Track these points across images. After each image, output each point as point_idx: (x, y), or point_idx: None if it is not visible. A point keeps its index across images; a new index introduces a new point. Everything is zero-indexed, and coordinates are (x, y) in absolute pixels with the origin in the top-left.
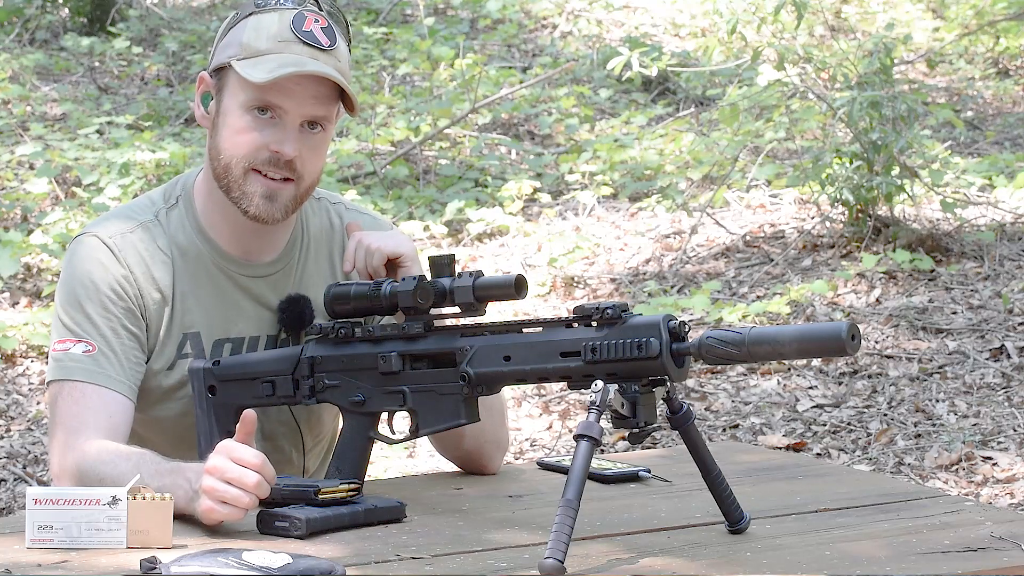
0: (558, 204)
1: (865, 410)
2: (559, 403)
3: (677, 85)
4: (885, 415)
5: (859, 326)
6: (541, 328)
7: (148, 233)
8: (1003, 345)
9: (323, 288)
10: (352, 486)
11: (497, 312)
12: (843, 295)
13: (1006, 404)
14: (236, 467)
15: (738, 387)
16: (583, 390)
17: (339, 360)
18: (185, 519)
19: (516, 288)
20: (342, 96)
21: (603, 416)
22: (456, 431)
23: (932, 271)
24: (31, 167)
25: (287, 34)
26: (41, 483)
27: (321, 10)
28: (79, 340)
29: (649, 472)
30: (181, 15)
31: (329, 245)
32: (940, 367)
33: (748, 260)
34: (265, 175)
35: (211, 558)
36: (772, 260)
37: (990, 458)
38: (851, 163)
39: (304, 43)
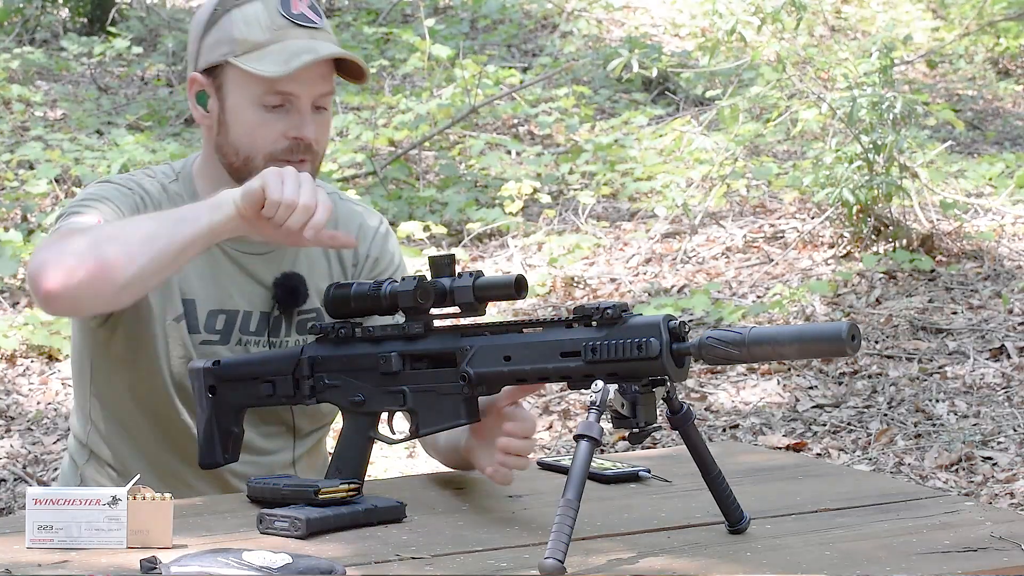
0: (558, 204)
1: (865, 410)
2: (559, 403)
3: (677, 85)
4: (885, 415)
5: (859, 326)
6: (541, 328)
7: (162, 190)
8: (1003, 345)
9: (318, 269)
10: (352, 486)
11: (497, 312)
12: (843, 295)
13: (1006, 404)
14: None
15: (738, 387)
16: (583, 390)
17: (339, 360)
18: (185, 519)
19: (516, 288)
20: (339, 66)
21: (603, 416)
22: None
23: (932, 271)
24: (31, 167)
25: (279, 20)
26: (41, 483)
27: None
28: (92, 210)
29: (649, 472)
30: (181, 15)
31: None
32: (940, 367)
33: (748, 260)
34: (287, 161)
35: (211, 558)
36: (772, 260)
37: (990, 458)
38: (851, 163)
39: (299, 25)
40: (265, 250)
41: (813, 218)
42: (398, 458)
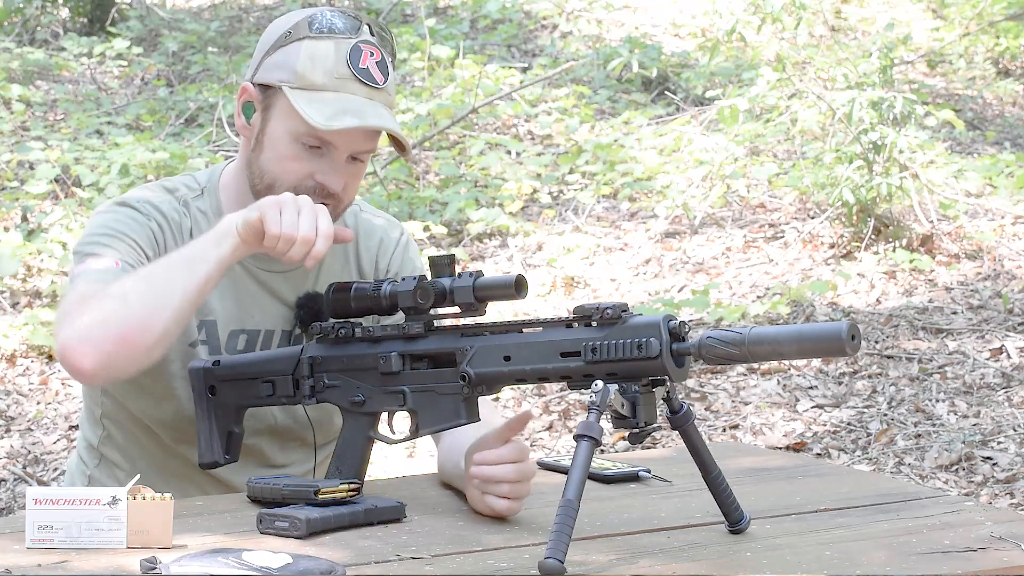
0: (558, 204)
1: (865, 410)
2: (559, 403)
3: (677, 85)
4: (885, 415)
5: (859, 326)
6: (541, 328)
7: (183, 209)
8: (1003, 345)
9: None
10: (352, 486)
11: (497, 312)
12: (843, 295)
13: (1006, 404)
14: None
15: (738, 387)
16: (583, 390)
17: (339, 360)
18: (185, 519)
19: (516, 288)
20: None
21: (603, 416)
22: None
23: (932, 271)
24: (31, 167)
25: (343, 70)
26: (41, 483)
27: (373, 35)
28: (108, 248)
29: (649, 472)
30: (181, 15)
31: (345, 245)
32: (940, 367)
33: (748, 260)
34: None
35: (211, 558)
36: (772, 260)
37: (990, 458)
38: (851, 163)
39: (360, 81)
40: (287, 268)
41: (813, 218)
42: (398, 458)
